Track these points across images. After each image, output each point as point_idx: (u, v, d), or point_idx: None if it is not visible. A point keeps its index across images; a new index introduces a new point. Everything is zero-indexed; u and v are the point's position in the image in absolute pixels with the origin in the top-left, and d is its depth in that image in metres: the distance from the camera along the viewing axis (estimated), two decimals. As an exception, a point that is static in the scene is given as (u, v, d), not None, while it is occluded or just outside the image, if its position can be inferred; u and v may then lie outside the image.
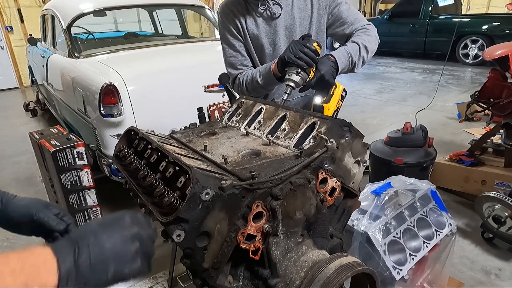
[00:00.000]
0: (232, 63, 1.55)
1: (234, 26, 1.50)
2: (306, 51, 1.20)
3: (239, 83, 1.53)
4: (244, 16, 1.48)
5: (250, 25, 1.49)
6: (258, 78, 1.43)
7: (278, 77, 1.36)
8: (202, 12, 4.13)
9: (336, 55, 1.33)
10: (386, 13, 9.59)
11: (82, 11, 3.21)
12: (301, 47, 1.21)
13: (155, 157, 0.89)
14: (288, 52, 1.23)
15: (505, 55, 2.30)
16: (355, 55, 1.37)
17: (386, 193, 1.59)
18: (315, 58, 1.22)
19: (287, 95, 1.26)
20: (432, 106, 4.53)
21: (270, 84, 1.43)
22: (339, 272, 0.71)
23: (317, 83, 1.25)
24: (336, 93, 1.30)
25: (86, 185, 2.68)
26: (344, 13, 1.48)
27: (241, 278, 0.80)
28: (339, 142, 0.87)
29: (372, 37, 1.45)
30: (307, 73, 1.25)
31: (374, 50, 1.46)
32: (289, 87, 1.25)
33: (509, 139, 2.41)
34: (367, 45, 1.41)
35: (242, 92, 1.54)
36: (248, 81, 1.48)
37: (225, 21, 1.51)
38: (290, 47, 1.24)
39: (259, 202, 0.72)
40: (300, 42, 1.24)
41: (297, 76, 1.24)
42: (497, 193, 2.15)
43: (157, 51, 3.36)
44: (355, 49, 1.38)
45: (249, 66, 1.56)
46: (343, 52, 1.36)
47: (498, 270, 2.10)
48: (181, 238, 0.65)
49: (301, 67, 1.22)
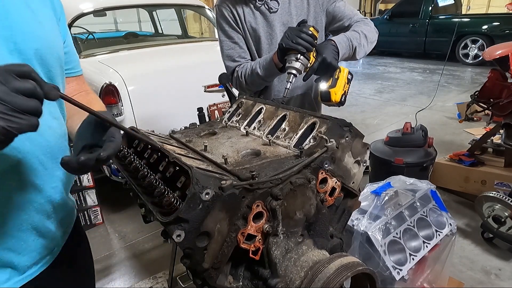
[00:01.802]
0: (230, 55, 1.53)
1: (233, 18, 1.49)
2: (303, 36, 1.19)
3: (237, 76, 1.51)
4: (242, 9, 1.48)
5: (248, 18, 1.48)
6: (258, 70, 1.41)
7: (279, 68, 1.34)
8: (202, 12, 4.13)
9: (336, 40, 1.32)
10: (386, 13, 9.60)
11: (82, 11, 3.21)
12: (297, 32, 1.20)
13: (155, 157, 0.89)
14: (285, 39, 1.22)
15: (505, 55, 2.30)
16: (355, 40, 1.37)
17: (386, 193, 1.59)
18: (312, 41, 1.20)
19: (290, 84, 1.24)
20: (432, 106, 4.53)
21: (271, 75, 1.42)
22: (339, 272, 0.71)
23: (320, 67, 1.24)
24: (341, 77, 1.28)
25: (86, 185, 2.68)
26: (341, 9, 1.50)
27: (241, 278, 0.80)
28: (339, 142, 0.87)
29: (371, 28, 1.45)
30: (307, 58, 1.23)
31: (374, 41, 1.46)
32: (291, 75, 1.24)
33: (509, 139, 2.41)
34: (366, 34, 1.41)
35: (240, 86, 1.52)
36: (248, 73, 1.46)
37: (223, 12, 1.50)
38: (286, 34, 1.23)
39: (259, 202, 0.72)
40: (296, 28, 1.23)
41: (297, 62, 1.22)
42: (497, 193, 2.15)
43: (157, 51, 3.36)
44: (355, 35, 1.38)
45: (247, 58, 1.54)
46: (342, 37, 1.35)
47: (498, 270, 2.10)
48: (181, 238, 0.65)
49: (300, 52, 1.20)
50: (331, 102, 1.31)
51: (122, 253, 2.45)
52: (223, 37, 1.53)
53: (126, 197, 0.93)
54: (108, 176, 2.71)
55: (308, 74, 1.26)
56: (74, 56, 0.95)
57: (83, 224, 2.67)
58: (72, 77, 0.95)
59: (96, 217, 2.74)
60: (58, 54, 0.79)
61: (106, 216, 2.84)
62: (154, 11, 4.82)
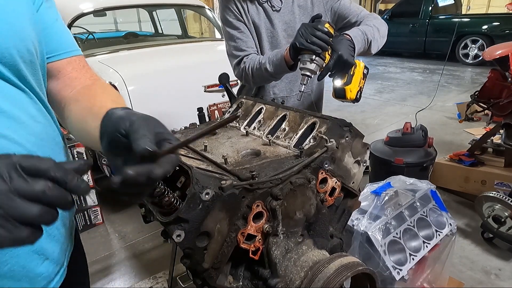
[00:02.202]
0: (237, 45, 1.46)
1: (237, 9, 1.45)
2: (318, 34, 1.11)
3: (244, 68, 1.43)
4: (247, 3, 1.45)
5: (252, 11, 1.45)
6: (267, 66, 1.34)
7: (290, 66, 1.28)
8: (202, 12, 4.13)
9: (351, 34, 1.24)
10: (386, 13, 9.59)
11: (82, 11, 3.21)
12: (312, 30, 1.12)
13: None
14: (299, 38, 1.14)
15: (505, 55, 2.30)
16: (369, 34, 1.30)
17: (386, 193, 1.59)
18: (328, 40, 1.12)
19: (304, 86, 1.17)
20: (432, 106, 4.53)
21: (281, 73, 1.36)
22: (339, 272, 0.71)
23: (336, 64, 1.16)
24: (357, 72, 1.23)
25: (86, 185, 2.67)
26: (347, 6, 1.46)
27: (241, 278, 0.80)
28: (339, 142, 0.87)
29: (381, 22, 1.42)
30: (323, 58, 1.14)
31: (385, 35, 1.42)
32: (305, 76, 1.16)
33: (509, 139, 2.41)
34: (378, 27, 1.37)
35: (245, 78, 1.46)
36: (256, 67, 1.39)
37: (227, 4, 1.46)
38: (300, 32, 1.14)
39: (259, 202, 0.72)
40: (310, 25, 1.14)
41: (312, 64, 1.14)
42: (497, 193, 2.15)
43: (157, 51, 3.36)
44: (368, 29, 1.32)
45: (254, 48, 1.48)
46: (357, 31, 1.28)
47: (498, 270, 2.10)
48: (181, 238, 0.65)
49: (315, 52, 1.12)
50: (346, 99, 1.26)
51: (122, 253, 2.45)
52: (228, 28, 1.47)
53: (126, 197, 0.92)
54: (108, 176, 2.71)
55: (322, 74, 1.19)
56: (62, 37, 0.79)
57: (83, 224, 2.67)
58: (63, 59, 0.78)
59: (96, 217, 2.74)
60: (27, 48, 0.66)
61: (106, 216, 2.84)
62: (154, 11, 4.82)
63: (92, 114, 0.63)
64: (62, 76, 0.79)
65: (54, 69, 0.78)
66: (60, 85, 0.78)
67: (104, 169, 2.71)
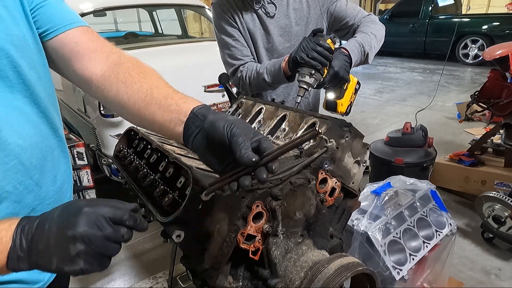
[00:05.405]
0: (231, 53, 1.45)
1: (231, 17, 1.43)
2: (320, 50, 1.12)
3: (241, 76, 1.44)
4: (241, 9, 1.43)
5: (246, 18, 1.43)
6: (265, 75, 1.35)
7: (288, 76, 1.29)
8: (202, 12, 4.13)
9: (348, 48, 1.26)
10: (386, 13, 9.60)
11: (82, 11, 3.21)
12: (314, 46, 1.13)
13: (155, 157, 0.89)
14: (300, 52, 1.15)
15: (505, 55, 2.30)
16: (367, 45, 1.31)
17: (386, 193, 1.59)
18: (329, 56, 1.14)
19: (300, 98, 1.19)
20: (432, 106, 4.53)
21: (278, 83, 1.37)
22: (339, 272, 0.71)
23: (331, 80, 1.19)
24: (350, 88, 1.25)
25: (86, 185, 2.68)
26: (343, 8, 1.45)
27: (241, 278, 0.80)
28: (339, 142, 0.87)
29: (378, 26, 1.42)
30: (321, 73, 1.16)
31: (383, 37, 1.42)
32: (302, 89, 1.18)
33: (509, 139, 2.41)
34: (376, 33, 1.37)
35: (242, 86, 1.47)
36: (253, 76, 1.40)
37: (222, 11, 1.44)
38: (302, 46, 1.15)
39: (259, 202, 0.72)
40: (312, 39, 1.15)
41: (311, 78, 1.15)
42: (497, 193, 2.15)
43: (157, 51, 3.35)
44: (366, 39, 1.33)
45: (250, 56, 1.47)
46: (354, 43, 1.30)
47: (498, 270, 2.10)
48: (181, 238, 0.65)
49: (314, 68, 1.14)
50: (337, 112, 1.29)
51: (122, 253, 2.45)
52: (223, 36, 1.46)
53: (126, 197, 0.93)
54: (108, 176, 2.71)
55: (318, 86, 1.21)
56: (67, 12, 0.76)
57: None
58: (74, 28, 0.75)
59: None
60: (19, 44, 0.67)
61: (106, 216, 2.84)
62: (154, 11, 4.82)
63: (159, 105, 0.67)
64: (81, 48, 0.75)
65: (69, 40, 0.74)
66: (84, 60, 0.75)
67: (104, 169, 2.71)
